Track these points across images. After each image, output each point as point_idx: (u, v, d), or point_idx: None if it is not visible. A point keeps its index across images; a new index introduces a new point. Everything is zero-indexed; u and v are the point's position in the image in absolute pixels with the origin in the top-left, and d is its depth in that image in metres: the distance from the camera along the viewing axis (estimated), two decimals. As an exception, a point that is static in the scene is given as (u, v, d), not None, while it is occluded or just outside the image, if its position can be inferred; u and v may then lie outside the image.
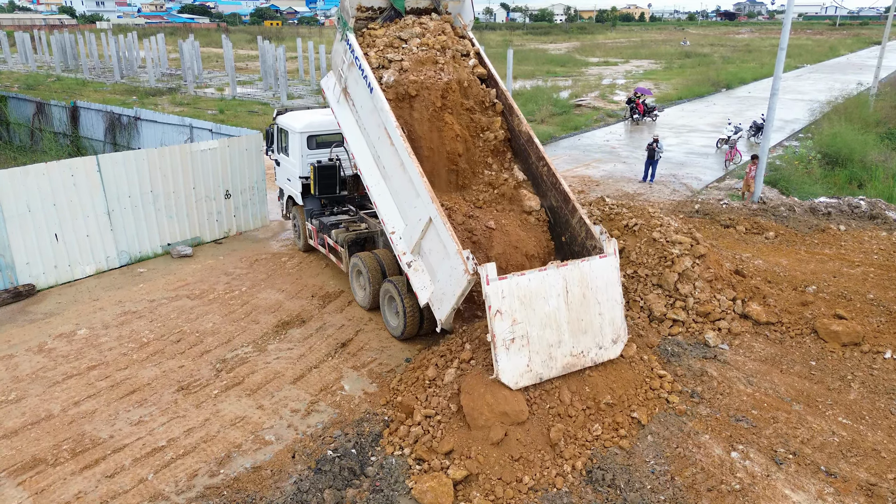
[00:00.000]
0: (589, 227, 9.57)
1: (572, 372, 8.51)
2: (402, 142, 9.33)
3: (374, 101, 9.83)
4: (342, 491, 7.24)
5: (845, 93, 35.73)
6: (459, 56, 11.06)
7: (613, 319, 8.85)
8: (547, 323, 8.29)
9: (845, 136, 22.96)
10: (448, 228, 8.62)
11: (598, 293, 8.70)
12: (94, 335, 10.75)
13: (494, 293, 7.91)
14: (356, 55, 10.11)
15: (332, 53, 11.14)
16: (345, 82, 10.72)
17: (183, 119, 18.71)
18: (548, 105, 33.69)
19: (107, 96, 37.42)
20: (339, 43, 10.65)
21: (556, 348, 8.33)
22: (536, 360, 8.17)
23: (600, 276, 8.75)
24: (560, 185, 10.20)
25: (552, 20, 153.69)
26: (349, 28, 10.45)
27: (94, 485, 7.35)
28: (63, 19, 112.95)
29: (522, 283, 8.12)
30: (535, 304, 8.18)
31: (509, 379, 7.97)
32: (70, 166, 12.49)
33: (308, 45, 42.97)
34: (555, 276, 8.36)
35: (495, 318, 7.90)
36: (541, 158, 10.55)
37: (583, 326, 8.57)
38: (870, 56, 66.18)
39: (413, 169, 9.17)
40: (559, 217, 10.31)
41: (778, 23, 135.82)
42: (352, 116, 10.81)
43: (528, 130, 10.71)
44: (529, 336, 8.12)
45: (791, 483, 7.44)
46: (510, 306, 7.99)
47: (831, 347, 10.24)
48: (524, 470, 7.38)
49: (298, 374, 9.65)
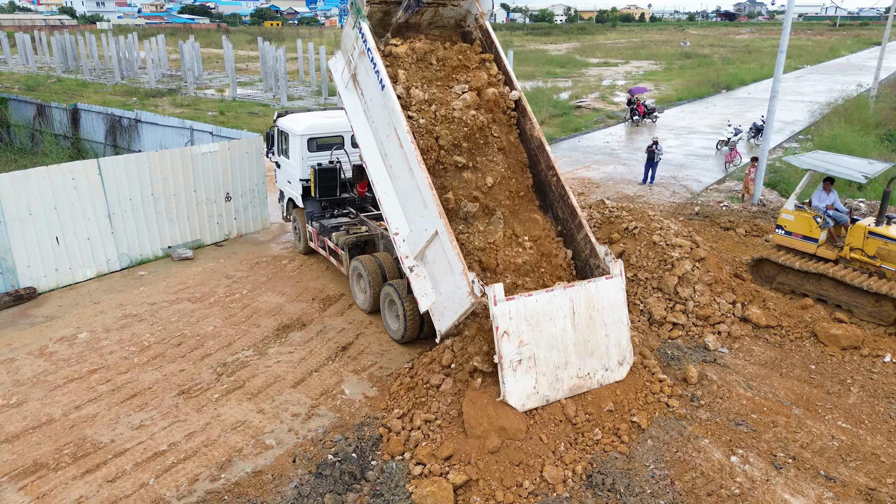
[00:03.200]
0: (594, 245, 9.37)
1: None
2: (412, 148, 8.93)
3: (386, 99, 9.38)
4: (343, 495, 7.26)
5: (845, 94, 35.72)
6: (498, 109, 10.37)
7: (620, 341, 8.76)
8: (554, 344, 8.20)
9: (845, 138, 22.98)
10: (455, 247, 8.40)
11: (604, 314, 8.62)
12: (95, 339, 10.77)
13: (502, 314, 7.82)
14: (369, 47, 9.59)
15: (343, 36, 10.61)
16: (354, 69, 10.19)
17: (183, 122, 18.74)
18: (548, 106, 33.69)
19: (107, 97, 37.45)
20: (352, 29, 10.01)
21: (563, 370, 8.25)
22: (543, 381, 8.08)
23: (606, 297, 8.66)
24: (568, 199, 9.86)
25: (552, 21, 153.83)
26: (363, 16, 9.82)
27: (96, 489, 7.37)
28: (63, 20, 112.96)
29: (530, 303, 8.03)
30: (542, 326, 8.09)
31: (516, 401, 7.87)
32: (71, 169, 12.51)
33: (308, 47, 42.96)
34: (562, 297, 8.28)
35: (503, 340, 7.80)
36: (551, 168, 10.16)
37: (589, 348, 8.48)
38: (870, 57, 66.18)
39: (422, 178, 8.83)
40: (564, 230, 10.06)
41: (778, 23, 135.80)
42: (360, 105, 10.29)
43: (541, 136, 10.27)
44: (536, 357, 8.03)
45: (790, 488, 7.46)
46: (517, 327, 7.91)
47: (831, 351, 10.27)
48: (524, 475, 7.40)
49: (299, 378, 9.67)
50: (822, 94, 39.47)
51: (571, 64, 59.47)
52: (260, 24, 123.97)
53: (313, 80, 42.93)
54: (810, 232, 11.95)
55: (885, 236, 11.11)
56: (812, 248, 11.96)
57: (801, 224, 12.07)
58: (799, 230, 12.11)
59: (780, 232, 12.42)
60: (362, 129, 10.36)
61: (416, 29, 10.80)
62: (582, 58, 65.59)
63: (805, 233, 12.02)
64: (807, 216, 11.99)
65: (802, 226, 12.05)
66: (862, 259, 11.38)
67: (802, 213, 12.07)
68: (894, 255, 10.99)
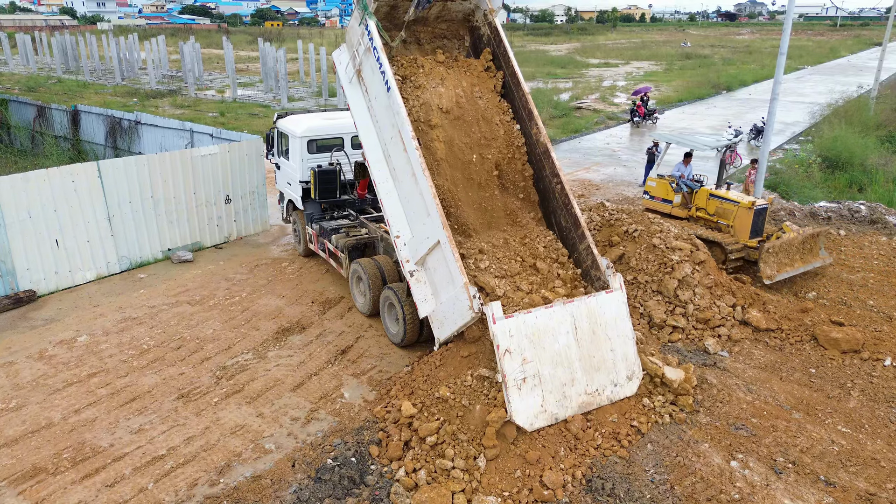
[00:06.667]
0: (595, 257, 9.27)
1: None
2: (417, 154, 8.81)
3: (391, 100, 9.22)
4: (342, 500, 7.26)
5: (845, 95, 35.68)
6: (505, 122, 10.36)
7: (626, 355, 8.66)
8: (558, 361, 8.10)
9: (845, 140, 22.94)
10: (457, 258, 8.32)
11: (607, 329, 8.54)
12: (95, 342, 10.77)
13: (502, 332, 7.75)
14: (375, 45, 9.40)
15: (348, 30, 10.34)
16: (359, 65, 10.01)
17: (183, 123, 18.74)
18: (548, 107, 33.68)
19: (108, 98, 37.46)
20: (359, 25, 9.78)
21: (570, 387, 8.15)
22: (550, 399, 7.97)
23: (608, 311, 8.59)
24: (572, 208, 9.70)
25: (553, 21, 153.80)
26: (369, 12, 9.59)
27: (95, 494, 7.36)
28: (64, 20, 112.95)
29: (529, 320, 7.97)
30: (544, 342, 8.01)
31: (524, 420, 7.75)
32: (71, 172, 12.51)
33: (309, 47, 42.95)
34: (562, 313, 8.21)
35: (504, 358, 7.72)
36: (555, 175, 9.96)
37: (595, 363, 8.37)
38: (870, 57, 66.17)
39: (426, 186, 8.70)
40: (566, 239, 9.95)
41: (778, 23, 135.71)
42: (364, 102, 10.13)
43: (546, 142, 10.05)
44: (541, 375, 7.92)
45: (790, 492, 7.44)
46: (519, 345, 7.83)
47: (831, 355, 10.25)
48: (524, 480, 7.39)
49: (298, 382, 9.65)
50: (823, 95, 39.43)
51: (572, 65, 59.47)
52: (260, 25, 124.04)
53: (314, 81, 42.93)
54: (667, 195, 14.54)
55: (721, 197, 13.66)
56: (668, 209, 14.50)
57: (660, 189, 14.66)
58: (659, 194, 14.73)
59: (647, 196, 15.07)
60: (365, 126, 10.21)
61: (423, 23, 10.63)
62: (582, 58, 65.58)
63: (663, 196, 14.63)
64: (664, 182, 14.58)
65: (661, 191, 14.65)
66: (705, 217, 13.90)
67: (661, 181, 14.65)
68: (728, 213, 13.44)
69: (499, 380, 7.84)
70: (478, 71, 10.62)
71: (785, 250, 12.54)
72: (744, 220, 13.01)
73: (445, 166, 9.78)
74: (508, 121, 10.43)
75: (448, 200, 9.66)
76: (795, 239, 12.68)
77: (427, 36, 10.88)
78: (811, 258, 12.90)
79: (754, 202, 13.00)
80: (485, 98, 10.38)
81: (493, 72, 10.70)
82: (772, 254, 12.33)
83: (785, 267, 12.49)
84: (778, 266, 12.41)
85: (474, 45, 11.10)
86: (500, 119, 10.35)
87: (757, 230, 12.97)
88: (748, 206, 12.98)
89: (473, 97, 10.27)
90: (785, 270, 12.42)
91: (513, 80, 10.46)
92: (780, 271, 12.33)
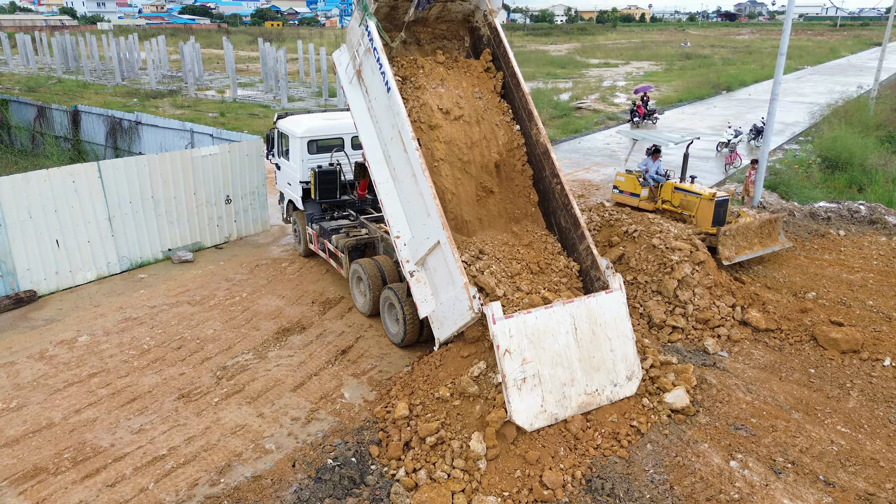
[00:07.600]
0: (595, 257, 9.30)
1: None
2: (417, 155, 8.83)
3: (391, 101, 9.23)
4: (342, 500, 7.27)
5: (845, 95, 35.69)
6: (503, 122, 10.40)
7: (626, 355, 8.69)
8: (558, 361, 8.13)
9: (845, 140, 22.95)
10: (457, 259, 8.34)
11: (607, 329, 8.57)
12: (95, 342, 10.78)
13: (502, 332, 7.77)
14: (375, 46, 9.41)
15: (348, 31, 10.37)
16: (359, 65, 10.01)
17: (184, 124, 18.76)
18: (548, 108, 33.69)
19: (108, 98, 37.48)
20: (359, 26, 9.80)
21: (570, 387, 8.18)
22: (550, 399, 8.00)
23: (608, 311, 8.62)
24: (572, 209, 9.73)
25: (553, 21, 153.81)
26: (369, 13, 9.61)
27: (95, 494, 7.38)
28: (64, 20, 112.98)
29: (529, 320, 7.99)
30: (544, 342, 8.04)
31: (524, 420, 7.77)
32: (71, 172, 12.52)
33: (309, 47, 42.95)
34: (562, 313, 8.24)
35: (504, 358, 7.74)
36: (555, 175, 9.98)
37: (595, 364, 8.41)
38: (870, 58, 66.19)
39: (426, 187, 8.71)
40: (566, 240, 9.97)
41: (778, 23, 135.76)
42: (364, 103, 10.14)
43: (546, 143, 10.08)
44: (541, 375, 7.95)
45: (790, 492, 7.46)
46: (519, 345, 7.86)
47: (830, 355, 10.26)
48: (524, 480, 7.40)
49: (299, 382, 9.67)
50: (823, 95, 39.45)
51: (572, 65, 59.48)
52: (260, 25, 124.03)
53: (314, 82, 42.94)
54: (634, 189, 15.12)
55: (685, 190, 14.21)
56: (635, 202, 15.02)
57: (628, 184, 15.28)
58: (627, 188, 15.32)
59: (616, 191, 15.63)
60: (366, 126, 10.23)
61: (423, 23, 10.66)
62: (582, 58, 65.61)
63: (631, 190, 15.21)
64: (632, 177, 15.18)
65: (629, 185, 15.26)
66: (670, 209, 14.40)
67: (629, 175, 15.27)
68: (691, 205, 13.96)
69: (498, 380, 7.85)
70: (478, 71, 10.65)
71: (742, 234, 13.14)
72: (706, 210, 13.60)
73: (445, 167, 9.80)
74: (508, 121, 10.45)
75: (448, 201, 9.69)
76: (752, 223, 13.37)
77: (427, 36, 10.90)
78: (770, 242, 13.62)
79: (714, 194, 13.63)
80: (485, 98, 10.41)
81: (493, 72, 10.73)
82: (729, 236, 12.87)
83: (744, 250, 13.08)
84: (736, 248, 12.98)
85: (474, 46, 11.12)
86: (500, 119, 10.37)
87: (718, 220, 13.56)
88: (709, 198, 13.58)
89: (473, 98, 10.30)
90: (744, 253, 13.01)
91: (513, 80, 10.48)
92: (738, 253, 12.91)
